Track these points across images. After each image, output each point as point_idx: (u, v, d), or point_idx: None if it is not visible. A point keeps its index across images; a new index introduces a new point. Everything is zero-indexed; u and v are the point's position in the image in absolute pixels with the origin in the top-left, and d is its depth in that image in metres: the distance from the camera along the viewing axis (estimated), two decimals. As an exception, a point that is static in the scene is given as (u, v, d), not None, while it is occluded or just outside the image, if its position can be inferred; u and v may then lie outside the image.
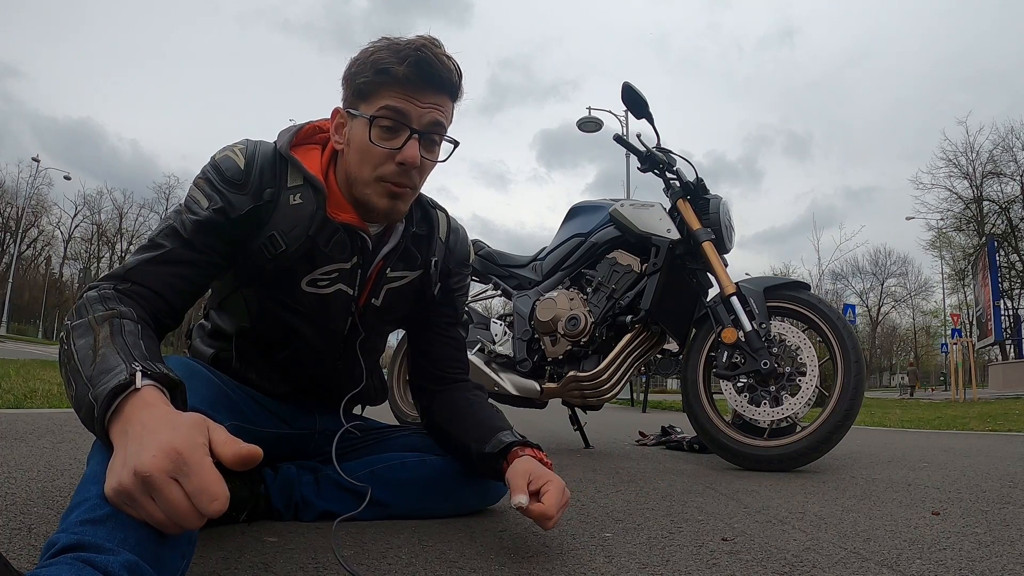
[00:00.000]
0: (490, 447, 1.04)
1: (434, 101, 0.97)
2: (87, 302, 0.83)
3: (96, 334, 0.76)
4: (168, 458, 0.56)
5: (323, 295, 1.05)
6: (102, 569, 0.53)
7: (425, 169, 1.01)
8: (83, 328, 0.78)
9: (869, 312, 41.71)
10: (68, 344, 0.77)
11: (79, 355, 0.73)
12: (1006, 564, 0.90)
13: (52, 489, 1.14)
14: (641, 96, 2.21)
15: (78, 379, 0.71)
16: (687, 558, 0.93)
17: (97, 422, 0.65)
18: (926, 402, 11.52)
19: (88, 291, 0.87)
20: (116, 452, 0.61)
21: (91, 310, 0.81)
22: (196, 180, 0.99)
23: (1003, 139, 24.88)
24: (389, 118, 0.96)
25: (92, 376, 0.69)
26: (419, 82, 0.95)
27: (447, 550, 0.93)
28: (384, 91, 0.96)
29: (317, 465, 1.13)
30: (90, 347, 0.74)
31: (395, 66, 0.94)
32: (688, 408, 2.16)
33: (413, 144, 0.96)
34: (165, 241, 0.93)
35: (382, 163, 0.97)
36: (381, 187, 0.99)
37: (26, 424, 2.08)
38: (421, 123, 0.97)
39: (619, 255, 2.40)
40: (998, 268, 19.21)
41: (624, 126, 11.77)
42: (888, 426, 4.82)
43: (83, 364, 0.72)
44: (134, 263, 0.92)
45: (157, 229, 0.96)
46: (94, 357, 0.72)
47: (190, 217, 0.95)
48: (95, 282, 0.90)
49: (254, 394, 1.11)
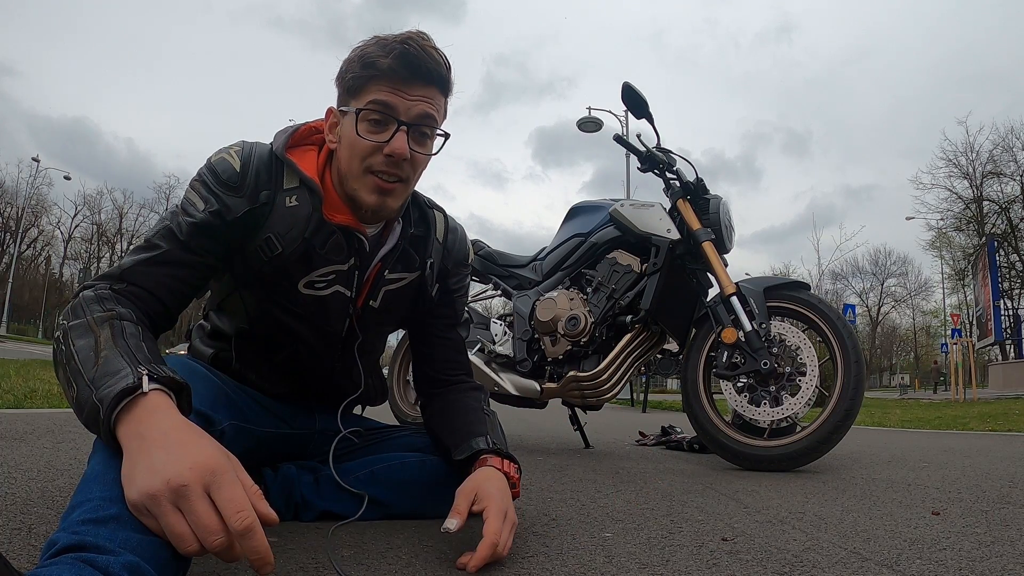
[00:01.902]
0: (459, 453, 1.04)
1: (422, 94, 0.97)
2: (83, 302, 0.83)
3: (96, 335, 0.76)
4: (205, 471, 0.59)
5: (320, 297, 1.05)
6: (103, 569, 0.53)
7: (417, 163, 1.01)
8: (82, 329, 0.77)
9: (869, 312, 41.72)
10: (66, 344, 0.76)
11: (79, 356, 0.73)
12: (1006, 564, 0.90)
13: (52, 489, 1.14)
14: (641, 96, 2.21)
15: (79, 381, 0.71)
16: (687, 558, 0.93)
17: (103, 424, 0.65)
18: (926, 402, 11.52)
19: (84, 291, 0.86)
20: (135, 458, 0.61)
21: (88, 310, 0.80)
22: (192, 182, 0.99)
23: (1003, 139, 24.92)
24: (376, 111, 0.96)
25: (95, 378, 0.69)
26: (406, 74, 0.95)
27: (447, 550, 0.93)
28: (372, 85, 0.96)
29: (317, 465, 1.13)
30: (91, 348, 0.74)
31: (381, 59, 0.95)
32: (688, 408, 2.16)
33: (401, 136, 0.96)
34: (161, 242, 0.93)
35: (370, 155, 0.97)
36: (370, 181, 0.98)
37: (26, 424, 2.08)
38: (409, 115, 0.97)
39: (619, 255, 2.40)
40: (998, 268, 19.21)
41: (624, 126, 11.78)
42: (888, 426, 4.82)
43: (84, 366, 0.72)
44: (130, 263, 0.91)
45: (153, 230, 0.96)
46: (96, 359, 0.72)
47: (186, 219, 0.94)
48: (90, 282, 0.89)
49: (254, 394, 1.10)
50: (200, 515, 0.58)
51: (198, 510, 0.58)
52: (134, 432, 0.63)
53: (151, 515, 0.58)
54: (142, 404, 0.65)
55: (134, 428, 0.63)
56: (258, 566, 0.59)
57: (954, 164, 26.56)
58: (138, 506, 0.59)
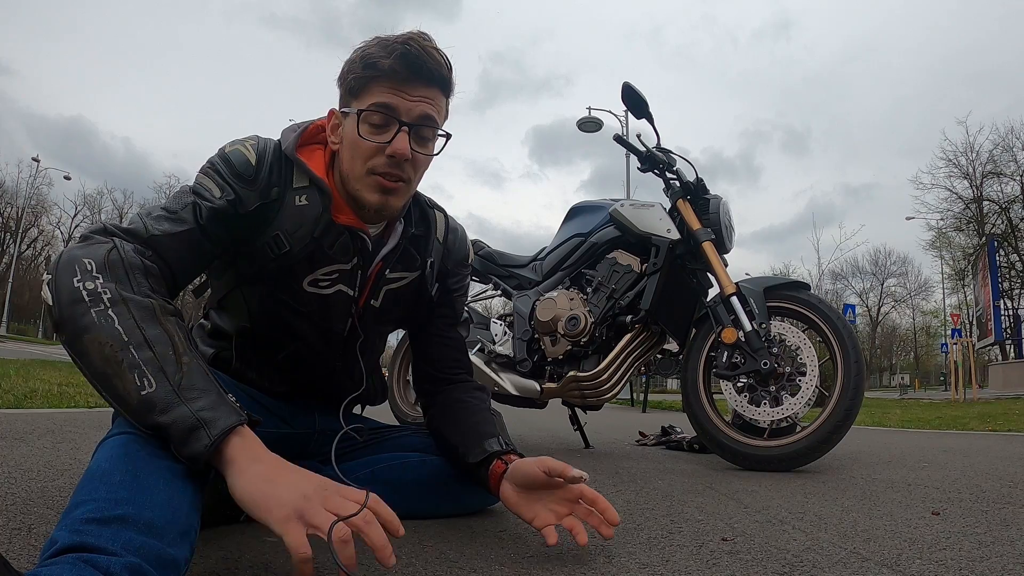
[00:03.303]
0: (473, 456, 1.04)
1: (423, 94, 0.97)
2: (128, 265, 0.78)
3: (168, 332, 0.74)
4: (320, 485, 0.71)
5: (324, 296, 1.05)
6: (104, 570, 0.53)
7: (418, 163, 1.01)
8: (147, 312, 0.74)
9: (869, 312, 41.70)
10: (127, 319, 0.72)
11: (156, 350, 0.72)
12: (1006, 564, 0.90)
13: (52, 489, 1.14)
14: (641, 96, 2.21)
15: (159, 377, 0.70)
16: (687, 558, 0.93)
17: (209, 441, 0.69)
18: (926, 402, 11.52)
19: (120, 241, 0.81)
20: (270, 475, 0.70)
21: (137, 283, 0.77)
22: (204, 169, 0.98)
23: (1003, 139, 24.89)
24: (378, 112, 0.96)
25: (182, 387, 0.71)
26: (407, 75, 0.95)
27: (447, 550, 0.93)
28: (373, 86, 0.96)
29: (317, 465, 1.13)
30: (168, 345, 0.73)
31: (382, 60, 0.95)
32: (688, 408, 2.16)
33: (402, 137, 0.96)
34: (188, 216, 0.91)
35: (372, 156, 0.97)
36: (373, 181, 0.98)
37: (26, 424, 2.08)
38: (411, 116, 0.97)
39: (619, 255, 2.40)
40: (998, 268, 19.21)
41: (624, 126, 11.77)
42: (888, 426, 4.82)
43: (165, 364, 0.71)
44: (158, 232, 0.87)
45: (179, 202, 0.92)
46: (178, 363, 0.72)
47: (204, 203, 0.93)
48: (115, 228, 0.85)
49: (254, 394, 1.11)
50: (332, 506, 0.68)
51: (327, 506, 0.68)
52: (251, 456, 0.71)
53: (302, 520, 0.66)
54: (244, 432, 0.73)
55: (250, 452, 0.71)
56: (381, 557, 0.69)
57: (954, 164, 26.56)
58: (295, 511, 0.67)
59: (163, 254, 0.87)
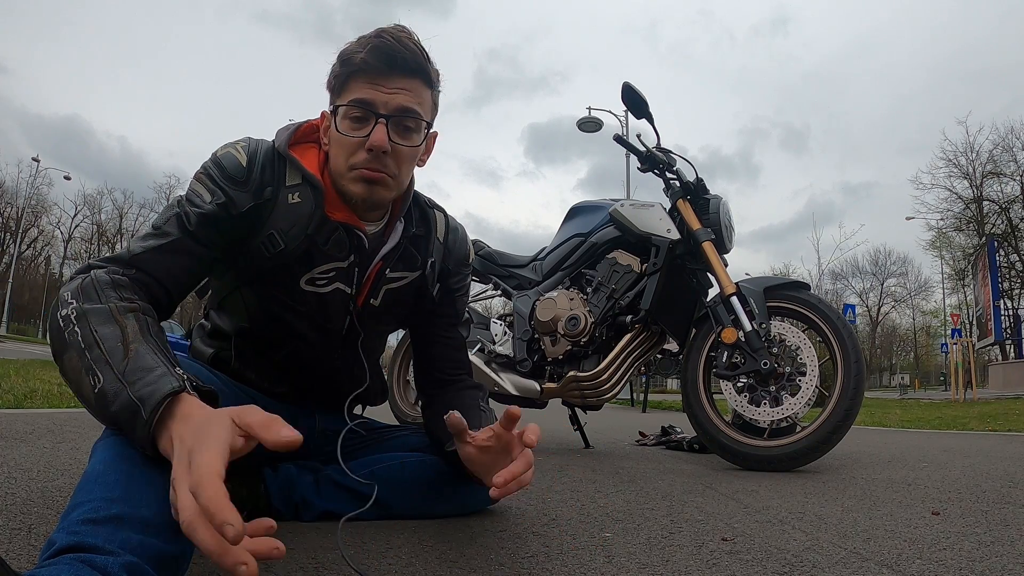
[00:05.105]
0: (450, 445, 1.03)
1: (400, 85, 0.97)
2: (98, 285, 0.79)
3: (122, 326, 0.74)
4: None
5: (321, 294, 1.05)
6: (101, 570, 0.53)
7: (401, 156, 1.00)
8: (103, 315, 0.75)
9: (869, 312, 41.72)
10: (85, 328, 0.73)
11: (105, 346, 0.71)
12: (1006, 564, 0.90)
13: (52, 489, 1.14)
14: (641, 96, 2.21)
15: (106, 371, 0.69)
16: (687, 558, 0.93)
17: (144, 422, 0.64)
18: (926, 402, 11.52)
19: (94, 271, 0.83)
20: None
21: (105, 296, 0.78)
22: (197, 175, 0.99)
23: (1003, 139, 24.91)
24: (356, 107, 0.96)
25: (127, 371, 0.68)
26: (381, 67, 0.96)
27: (447, 550, 0.93)
28: (351, 83, 0.97)
29: (317, 465, 1.13)
30: (118, 339, 0.72)
31: (357, 55, 0.96)
32: (688, 408, 2.16)
33: (379, 129, 0.96)
34: (171, 229, 0.92)
35: (354, 152, 0.98)
36: (356, 174, 0.99)
37: (26, 424, 2.08)
38: (388, 108, 0.97)
39: (619, 255, 2.40)
40: (998, 268, 19.19)
41: (624, 126, 11.77)
42: (888, 426, 4.82)
43: (112, 356, 0.70)
44: (140, 250, 0.89)
45: (163, 217, 0.95)
46: (125, 352, 0.70)
47: (194, 210, 0.94)
48: (97, 262, 0.87)
49: (253, 394, 1.11)
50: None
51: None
52: (179, 435, 0.61)
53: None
54: (182, 406, 0.64)
55: (179, 430, 0.62)
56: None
57: (954, 164, 26.58)
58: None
59: (148, 270, 0.88)
